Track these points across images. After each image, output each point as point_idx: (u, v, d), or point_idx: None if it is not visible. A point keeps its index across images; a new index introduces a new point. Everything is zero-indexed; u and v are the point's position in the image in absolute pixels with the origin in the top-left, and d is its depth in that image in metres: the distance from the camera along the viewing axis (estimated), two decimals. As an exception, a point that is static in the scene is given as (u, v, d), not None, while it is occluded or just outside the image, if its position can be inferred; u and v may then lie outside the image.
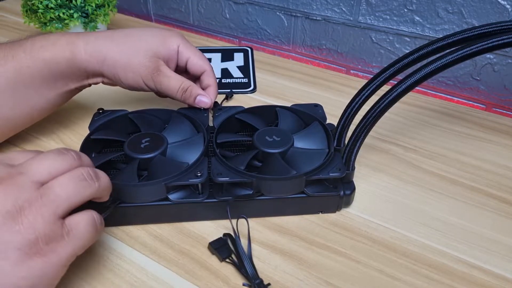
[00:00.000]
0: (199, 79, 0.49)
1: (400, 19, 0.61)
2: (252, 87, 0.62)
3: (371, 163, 0.47)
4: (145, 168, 0.40)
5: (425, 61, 0.36)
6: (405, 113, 0.56)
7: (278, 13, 0.72)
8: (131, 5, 0.89)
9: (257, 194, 0.39)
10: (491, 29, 0.35)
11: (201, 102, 0.46)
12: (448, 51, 0.34)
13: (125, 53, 0.44)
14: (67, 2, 0.61)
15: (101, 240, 0.38)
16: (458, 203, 0.43)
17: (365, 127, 0.37)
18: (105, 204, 0.37)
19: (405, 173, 0.46)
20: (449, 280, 0.35)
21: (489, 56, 0.57)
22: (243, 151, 0.44)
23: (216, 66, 0.67)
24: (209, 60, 0.68)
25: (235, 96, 0.60)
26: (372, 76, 0.41)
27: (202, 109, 0.47)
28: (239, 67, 0.67)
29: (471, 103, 0.62)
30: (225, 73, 0.65)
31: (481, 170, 0.47)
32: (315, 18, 0.69)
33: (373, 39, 0.65)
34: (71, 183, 0.29)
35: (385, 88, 0.38)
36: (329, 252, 0.38)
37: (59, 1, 0.60)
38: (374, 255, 0.37)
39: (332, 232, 0.39)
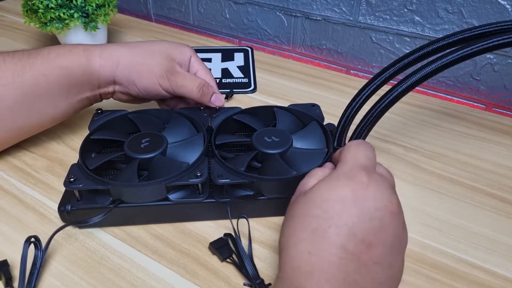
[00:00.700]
0: None
1: (400, 19, 0.61)
2: (252, 87, 0.62)
3: (371, 163, 0.47)
4: (145, 168, 0.40)
5: (425, 61, 0.36)
6: (405, 113, 0.56)
7: (278, 13, 0.72)
8: (131, 5, 0.89)
9: (258, 195, 0.39)
10: (491, 29, 0.35)
11: (217, 100, 0.47)
12: (448, 51, 0.34)
13: (139, 54, 0.45)
14: (68, 2, 0.61)
15: (102, 239, 0.38)
16: (458, 203, 0.43)
17: (365, 127, 0.38)
18: (104, 204, 0.38)
19: (405, 173, 0.46)
20: (450, 279, 0.35)
21: (489, 56, 0.57)
22: (242, 151, 0.44)
23: (216, 66, 0.67)
24: (209, 60, 0.69)
25: (236, 96, 0.60)
26: (372, 76, 0.41)
27: (201, 109, 0.47)
28: (239, 67, 0.67)
29: (471, 103, 0.62)
30: (225, 73, 0.65)
31: (481, 170, 0.47)
32: (315, 18, 0.69)
33: (373, 39, 0.65)
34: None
35: (386, 88, 0.38)
36: (329, 251, 0.38)
37: (59, 1, 0.60)
38: (374, 255, 0.37)
39: (332, 232, 0.39)
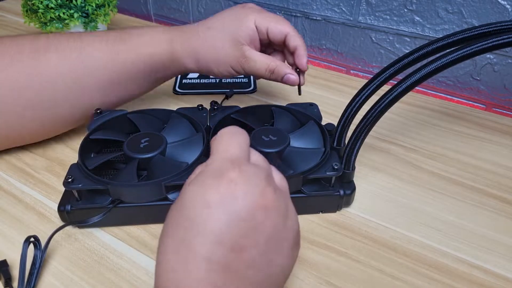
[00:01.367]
0: (284, 45, 0.48)
1: (400, 19, 0.61)
2: (252, 87, 0.62)
3: (371, 163, 0.47)
4: (144, 168, 0.39)
5: (425, 61, 0.36)
6: (405, 113, 0.56)
7: (278, 13, 0.72)
8: (131, 5, 0.89)
9: None
10: (491, 29, 0.35)
11: (289, 80, 0.46)
12: (448, 51, 0.34)
13: (212, 48, 0.47)
14: (67, 2, 0.61)
15: (102, 239, 0.38)
16: (458, 203, 0.43)
17: (365, 127, 0.38)
18: (104, 204, 0.37)
19: (405, 173, 0.46)
20: (449, 279, 0.35)
21: (489, 56, 0.57)
22: None
23: (216, 66, 0.67)
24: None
25: (235, 96, 0.60)
26: (372, 76, 0.41)
27: (200, 108, 0.47)
28: (239, 67, 0.67)
29: (471, 103, 0.62)
30: (225, 73, 0.65)
31: (481, 170, 0.47)
32: (315, 18, 0.69)
33: (373, 39, 0.65)
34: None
35: (385, 88, 0.38)
36: (329, 251, 0.38)
37: (59, 1, 0.60)
38: (374, 255, 0.37)
39: (332, 231, 0.39)
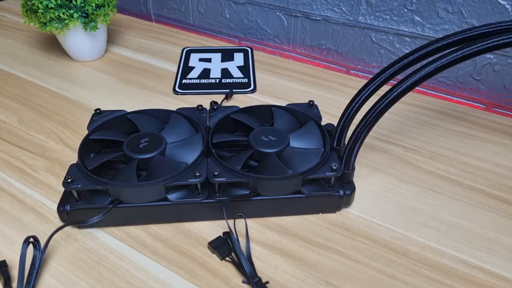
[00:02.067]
0: None
1: (400, 19, 0.61)
2: (252, 87, 0.62)
3: (371, 163, 0.47)
4: (144, 168, 0.39)
5: (425, 61, 0.36)
6: (405, 113, 0.56)
7: (278, 13, 0.72)
8: (131, 5, 0.89)
9: (254, 194, 0.39)
10: (491, 29, 0.35)
11: None
12: (448, 51, 0.34)
13: None
14: (67, 2, 0.61)
15: (101, 240, 0.38)
16: (458, 203, 0.43)
17: (365, 127, 0.37)
18: (103, 204, 0.37)
19: (405, 173, 0.46)
20: (449, 280, 0.35)
21: (489, 56, 0.57)
22: (239, 150, 0.44)
23: (216, 66, 0.67)
24: (209, 60, 0.69)
25: (235, 96, 0.60)
26: (372, 76, 0.41)
27: (200, 109, 0.47)
28: (239, 67, 0.67)
29: (471, 103, 0.62)
30: (225, 73, 0.65)
31: (481, 170, 0.47)
32: (315, 18, 0.69)
33: (373, 39, 0.65)
34: None
35: (385, 88, 0.38)
36: (329, 252, 0.38)
37: (59, 1, 0.60)
38: (374, 255, 0.37)
39: (332, 232, 0.39)
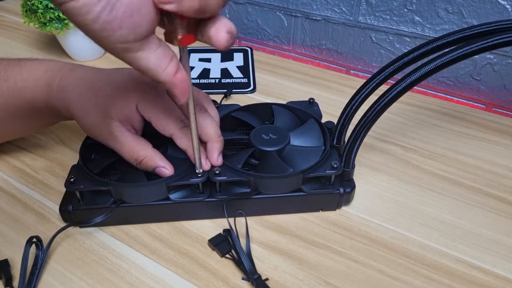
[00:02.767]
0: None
1: (400, 19, 0.61)
2: (252, 87, 0.62)
3: (371, 163, 0.47)
4: None
5: (424, 60, 0.36)
6: (405, 113, 0.56)
7: (278, 13, 0.72)
8: (131, 5, 0.89)
9: (255, 192, 0.39)
10: (490, 28, 0.35)
11: (161, 173, 0.38)
12: (447, 50, 0.34)
13: (83, 109, 0.40)
14: (67, 2, 0.61)
15: (101, 240, 0.38)
16: (458, 203, 0.43)
17: (365, 125, 0.37)
18: (106, 204, 0.38)
19: (405, 173, 0.46)
20: (449, 280, 0.35)
21: (489, 56, 0.57)
22: (240, 149, 0.44)
23: (215, 66, 0.67)
24: (208, 60, 0.69)
25: (235, 96, 0.60)
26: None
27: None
28: (239, 67, 0.67)
29: (471, 103, 0.62)
30: (225, 73, 0.65)
31: (481, 170, 0.47)
32: (315, 18, 0.69)
33: (373, 39, 0.65)
34: None
35: (384, 87, 0.38)
36: (328, 252, 0.37)
37: (59, 1, 0.60)
38: (373, 255, 0.37)
39: (331, 232, 0.39)
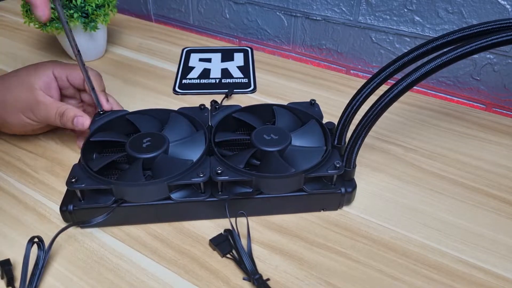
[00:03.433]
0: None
1: (400, 19, 0.61)
2: (252, 87, 0.62)
3: (371, 163, 0.47)
4: (148, 167, 0.40)
5: (424, 60, 0.36)
6: (405, 113, 0.56)
7: (278, 13, 0.72)
8: (131, 5, 0.89)
9: (257, 192, 0.39)
10: (489, 27, 0.35)
11: (78, 123, 0.43)
12: (446, 49, 0.34)
13: (1, 92, 0.43)
14: (67, 2, 0.61)
15: (101, 240, 0.38)
16: (458, 203, 0.43)
17: (366, 125, 0.37)
18: (107, 203, 0.38)
19: (405, 173, 0.46)
20: (449, 280, 0.35)
21: (489, 56, 0.57)
22: (241, 149, 0.44)
23: (216, 66, 0.67)
24: (209, 60, 0.69)
25: (235, 96, 0.60)
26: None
27: (202, 108, 0.47)
28: (239, 67, 0.67)
29: (471, 103, 0.62)
30: (225, 73, 0.65)
31: (481, 170, 0.47)
32: (315, 18, 0.69)
33: (373, 39, 0.65)
34: None
35: (384, 87, 0.38)
36: (329, 252, 0.38)
37: (59, 1, 0.60)
38: (374, 255, 0.37)
39: (332, 232, 0.39)
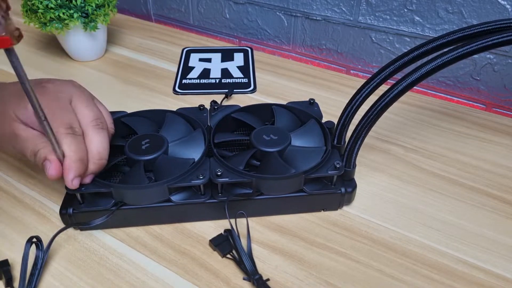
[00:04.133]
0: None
1: (400, 19, 0.61)
2: (252, 87, 0.62)
3: (372, 163, 0.47)
4: (149, 169, 0.39)
5: (424, 60, 0.36)
6: (405, 113, 0.56)
7: (278, 13, 0.72)
8: (131, 5, 0.89)
9: (257, 193, 0.39)
10: (489, 27, 0.35)
11: (45, 168, 0.35)
12: (446, 49, 0.34)
13: None
14: (67, 2, 0.61)
15: (101, 240, 0.38)
16: (458, 203, 0.43)
17: (366, 125, 0.37)
18: (107, 206, 0.37)
19: (405, 173, 0.46)
20: (449, 280, 0.35)
21: (489, 56, 0.57)
22: (240, 150, 0.44)
23: (216, 66, 0.67)
24: (209, 60, 0.69)
25: (236, 96, 0.60)
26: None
27: (202, 108, 0.47)
28: (239, 67, 0.67)
29: (471, 103, 0.62)
30: (225, 73, 0.65)
31: (481, 170, 0.47)
32: (315, 18, 0.69)
33: (373, 39, 0.65)
34: None
35: (383, 87, 0.38)
36: (329, 252, 0.38)
37: (59, 1, 0.60)
38: (374, 255, 0.37)
39: (332, 232, 0.39)
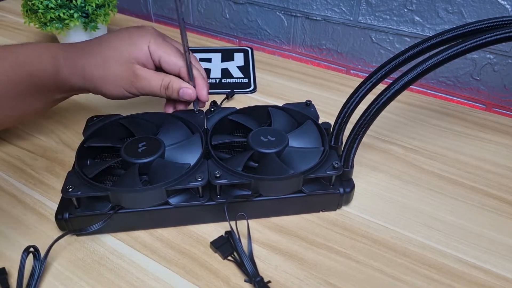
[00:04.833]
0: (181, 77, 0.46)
1: (400, 19, 0.61)
2: (252, 87, 0.62)
3: (371, 163, 0.47)
4: (144, 172, 0.39)
5: (420, 58, 0.36)
6: (405, 113, 0.56)
7: (278, 13, 0.72)
8: (131, 5, 0.89)
9: (255, 194, 0.39)
10: (485, 25, 0.35)
11: (185, 94, 0.44)
12: (442, 48, 0.34)
13: (100, 65, 0.42)
14: (67, 2, 0.61)
15: (101, 240, 0.38)
16: (458, 203, 0.43)
17: (364, 124, 0.37)
18: (104, 210, 0.37)
19: (405, 173, 0.46)
20: (449, 280, 0.35)
21: (489, 56, 0.57)
22: (238, 152, 0.44)
23: (216, 66, 0.67)
24: (209, 60, 0.69)
25: (236, 96, 0.60)
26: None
27: (197, 111, 0.46)
28: (239, 67, 0.67)
29: (471, 103, 0.62)
30: (225, 73, 0.65)
31: (481, 170, 0.47)
32: (315, 18, 0.69)
33: (373, 39, 0.65)
34: None
35: (381, 87, 0.38)
36: (329, 252, 0.38)
37: (59, 1, 0.60)
38: (374, 255, 0.37)
39: (332, 232, 0.39)
